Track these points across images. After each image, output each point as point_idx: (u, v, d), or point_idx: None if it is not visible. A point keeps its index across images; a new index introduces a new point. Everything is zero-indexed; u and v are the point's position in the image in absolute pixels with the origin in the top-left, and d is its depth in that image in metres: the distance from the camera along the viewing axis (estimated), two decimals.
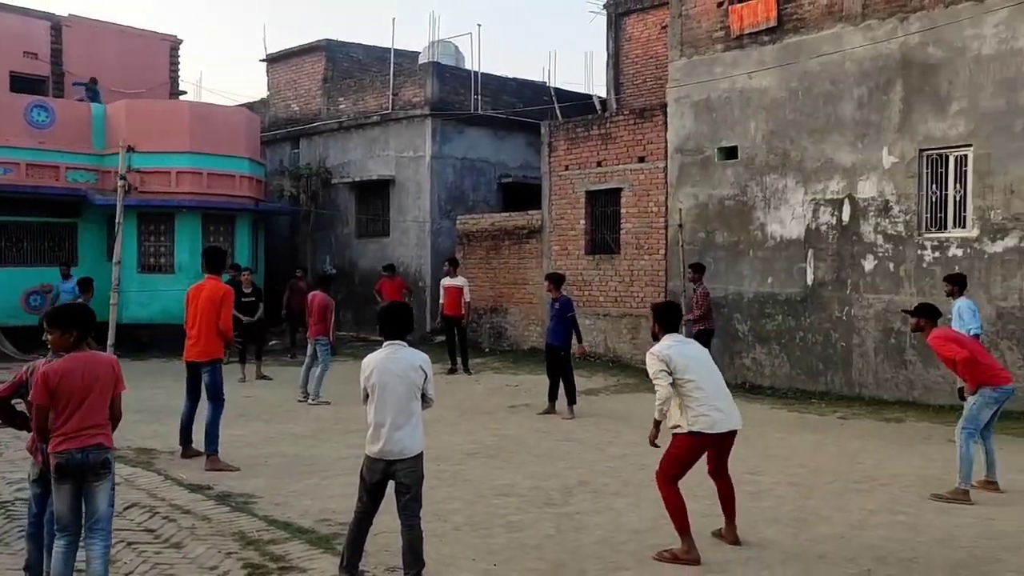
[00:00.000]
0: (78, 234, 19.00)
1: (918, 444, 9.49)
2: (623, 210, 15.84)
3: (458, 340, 15.37)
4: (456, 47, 22.14)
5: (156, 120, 18.71)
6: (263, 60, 24.63)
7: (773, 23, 13.37)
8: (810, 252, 13.05)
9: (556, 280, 11.86)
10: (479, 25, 27.70)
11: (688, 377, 5.70)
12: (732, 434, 5.88)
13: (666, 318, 6.02)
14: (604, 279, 16.20)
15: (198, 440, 8.48)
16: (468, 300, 15.68)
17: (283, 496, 7.18)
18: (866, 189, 12.43)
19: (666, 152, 15.00)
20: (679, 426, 5.73)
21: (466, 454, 8.85)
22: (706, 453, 5.88)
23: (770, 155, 13.49)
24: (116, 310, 13.59)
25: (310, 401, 12.20)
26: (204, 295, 8.46)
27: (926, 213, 11.96)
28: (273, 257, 21.78)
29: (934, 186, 11.93)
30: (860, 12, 12.49)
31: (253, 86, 71.71)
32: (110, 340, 12.80)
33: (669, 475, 5.73)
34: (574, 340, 11.73)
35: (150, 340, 17.45)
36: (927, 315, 7.59)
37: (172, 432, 8.93)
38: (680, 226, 14.48)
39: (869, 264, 12.41)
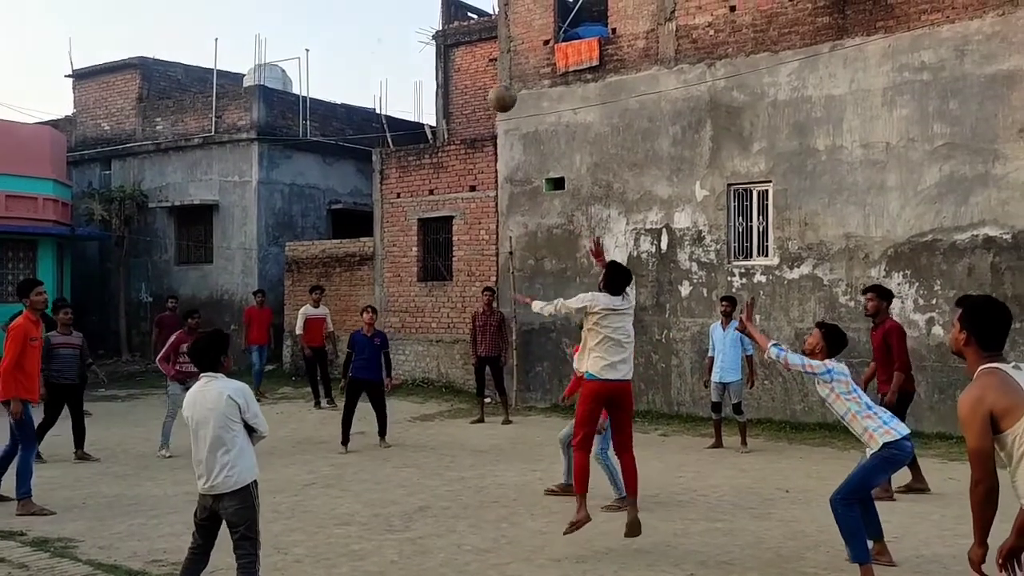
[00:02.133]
0: None
1: (730, 457, 10.26)
2: (455, 238, 16.13)
3: (310, 370, 15.04)
4: (283, 71, 21.75)
5: None
6: (69, 76, 23.15)
7: (596, 62, 14.16)
8: (632, 279, 13.78)
9: (376, 312, 11.89)
10: (307, 50, 27.35)
11: (605, 329, 6.58)
12: (625, 386, 6.58)
13: (615, 281, 6.85)
14: (437, 306, 16.37)
15: (9, 486, 7.84)
16: (332, 330, 15.42)
17: (106, 538, 6.78)
18: (681, 220, 13.35)
19: (496, 182, 15.45)
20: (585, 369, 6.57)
21: (304, 484, 8.70)
22: (609, 420, 6.80)
23: (595, 186, 14.21)
24: None
25: None
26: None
27: (734, 243, 13.01)
28: (82, 285, 20.40)
29: (741, 218, 13.00)
30: (673, 56, 13.47)
31: (56, 103, 66.76)
32: None
33: (581, 436, 6.52)
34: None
35: None
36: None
37: None
38: (511, 253, 14.93)
39: (685, 290, 13.31)
